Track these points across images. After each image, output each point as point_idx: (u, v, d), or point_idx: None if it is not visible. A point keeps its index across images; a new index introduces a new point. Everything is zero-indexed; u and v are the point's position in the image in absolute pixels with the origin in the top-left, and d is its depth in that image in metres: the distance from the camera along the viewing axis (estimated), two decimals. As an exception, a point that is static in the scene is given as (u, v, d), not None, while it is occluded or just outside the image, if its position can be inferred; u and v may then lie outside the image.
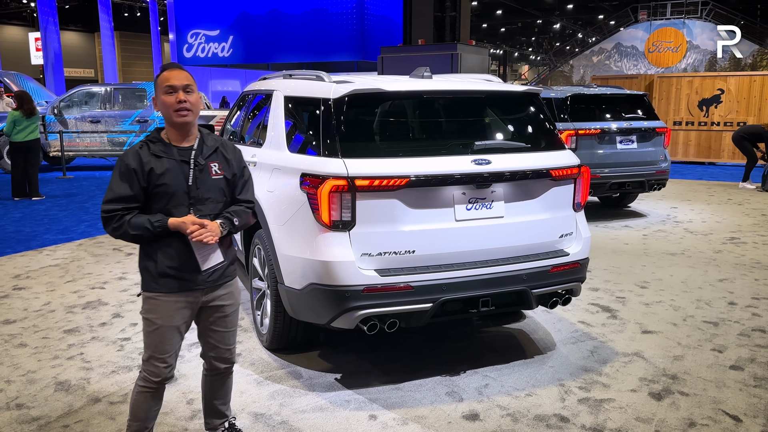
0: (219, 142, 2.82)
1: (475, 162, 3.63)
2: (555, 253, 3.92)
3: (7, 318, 4.93)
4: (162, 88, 2.64)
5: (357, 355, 4.23)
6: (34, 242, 7.52)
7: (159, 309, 2.70)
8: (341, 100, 3.66)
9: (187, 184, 2.66)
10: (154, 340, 2.72)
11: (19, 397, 3.65)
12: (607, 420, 3.40)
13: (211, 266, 2.73)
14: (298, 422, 3.37)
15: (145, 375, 2.76)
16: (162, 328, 2.70)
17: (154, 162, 2.63)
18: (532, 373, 3.97)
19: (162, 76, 2.67)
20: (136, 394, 2.79)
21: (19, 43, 38.81)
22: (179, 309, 2.72)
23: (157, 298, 2.70)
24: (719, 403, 3.58)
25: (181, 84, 2.64)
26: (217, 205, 2.76)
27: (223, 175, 2.77)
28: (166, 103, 2.64)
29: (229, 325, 2.91)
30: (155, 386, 2.77)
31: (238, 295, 2.96)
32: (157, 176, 2.61)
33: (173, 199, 2.64)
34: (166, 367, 2.74)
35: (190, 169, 2.68)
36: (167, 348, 2.73)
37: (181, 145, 2.71)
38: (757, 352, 4.28)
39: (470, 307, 3.72)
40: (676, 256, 6.86)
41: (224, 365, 2.96)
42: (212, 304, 2.82)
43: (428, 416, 3.44)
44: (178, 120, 2.65)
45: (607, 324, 4.81)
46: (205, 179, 2.71)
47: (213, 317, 2.85)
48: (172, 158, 2.66)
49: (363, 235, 3.49)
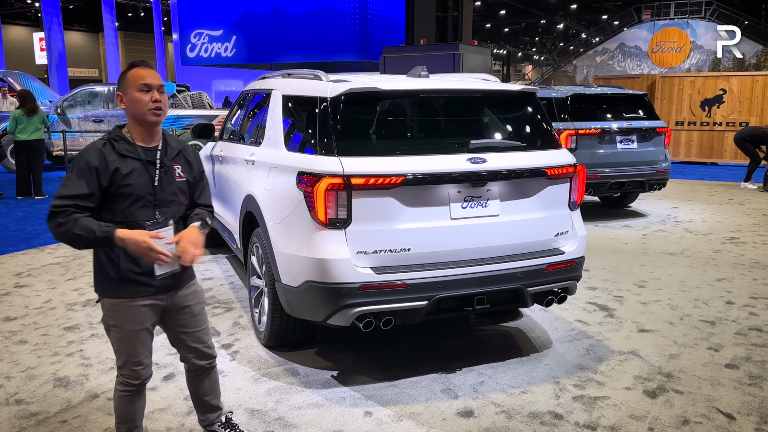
0: (181, 145, 2.80)
1: (471, 161, 3.65)
2: (550, 252, 3.94)
3: (8, 315, 4.97)
4: (136, 85, 2.59)
5: (354, 352, 4.26)
6: (36, 240, 7.56)
7: (126, 315, 2.65)
8: (338, 99, 3.68)
9: (152, 186, 2.62)
10: (125, 346, 2.68)
11: (19, 392, 3.68)
12: (600, 417, 3.42)
13: (164, 273, 2.66)
14: (293, 418, 3.40)
15: (123, 380, 2.73)
16: (132, 333, 2.67)
17: (119, 161, 2.56)
18: (527, 370, 3.99)
19: (135, 73, 2.61)
20: (118, 398, 2.77)
21: (23, 43, 38.97)
22: (146, 312, 2.68)
23: (122, 305, 2.65)
24: (713, 401, 3.60)
25: (156, 84, 2.60)
26: (180, 207, 2.73)
27: (185, 178, 2.75)
28: (140, 101, 2.58)
29: (200, 324, 2.89)
30: (135, 388, 2.75)
31: (201, 293, 2.93)
32: (122, 176, 2.55)
33: (138, 200, 2.59)
34: (143, 369, 2.73)
35: (156, 170, 2.64)
36: (140, 351, 2.70)
37: (146, 145, 2.66)
38: (753, 351, 4.30)
39: (466, 304, 3.74)
40: (675, 255, 6.87)
41: (207, 362, 2.96)
42: (179, 305, 2.80)
43: (423, 413, 3.46)
44: (152, 119, 2.61)
45: (604, 323, 4.83)
46: (169, 181, 2.68)
47: (182, 319, 2.83)
48: (138, 158, 2.61)
49: (359, 233, 3.51)
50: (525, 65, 63.08)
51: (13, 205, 10.08)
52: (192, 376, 3.00)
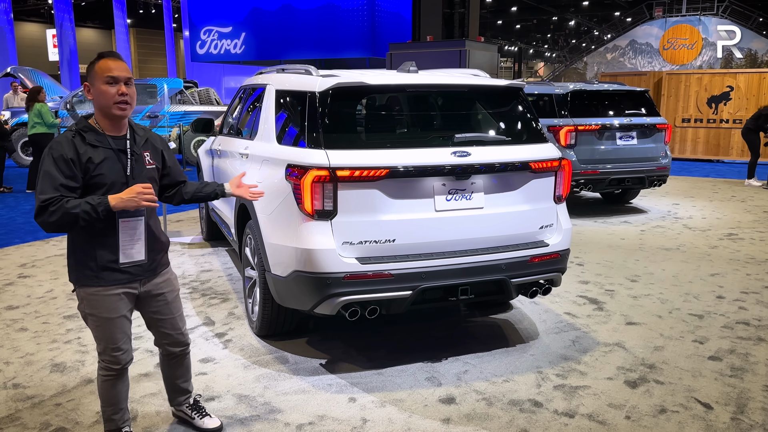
0: (148, 133, 2.87)
1: (455, 154, 3.73)
2: (535, 244, 4.01)
3: (11, 304, 5.11)
4: (102, 77, 2.61)
5: (344, 342, 4.35)
6: (42, 233, 7.71)
7: (102, 303, 2.72)
8: (326, 93, 3.77)
9: (124, 174, 2.68)
10: (104, 333, 2.76)
11: (16, 377, 3.81)
12: (579, 406, 3.49)
13: (129, 261, 2.74)
14: (279, 403, 3.50)
15: (104, 365, 2.81)
16: (109, 321, 2.74)
17: (90, 152, 2.61)
18: (512, 360, 4.07)
19: (102, 64, 2.63)
20: (101, 383, 2.86)
21: (37, 40, 39.34)
22: (120, 300, 2.76)
23: (97, 294, 2.71)
24: (693, 392, 3.66)
25: (124, 76, 2.62)
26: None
27: (155, 165, 2.84)
28: (106, 94, 2.61)
29: (174, 311, 2.99)
30: (116, 373, 2.84)
31: (175, 281, 3.03)
32: (94, 166, 2.60)
33: (111, 188, 2.63)
34: (122, 354, 2.81)
35: (127, 158, 2.71)
36: (119, 337, 2.78)
37: (114, 134, 2.71)
38: (738, 344, 4.35)
39: (450, 295, 3.83)
40: (671, 251, 6.91)
41: (180, 348, 3.07)
42: (152, 293, 2.89)
43: (406, 399, 3.55)
44: (118, 113, 2.64)
45: (593, 315, 4.89)
46: (141, 169, 2.76)
47: (156, 306, 2.92)
48: (108, 147, 2.66)
49: (344, 224, 3.60)
50: (537, 62, 62.90)
51: (22, 199, 10.27)
52: (165, 360, 3.11)
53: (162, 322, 2.97)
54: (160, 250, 2.91)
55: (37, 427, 3.24)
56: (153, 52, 42.71)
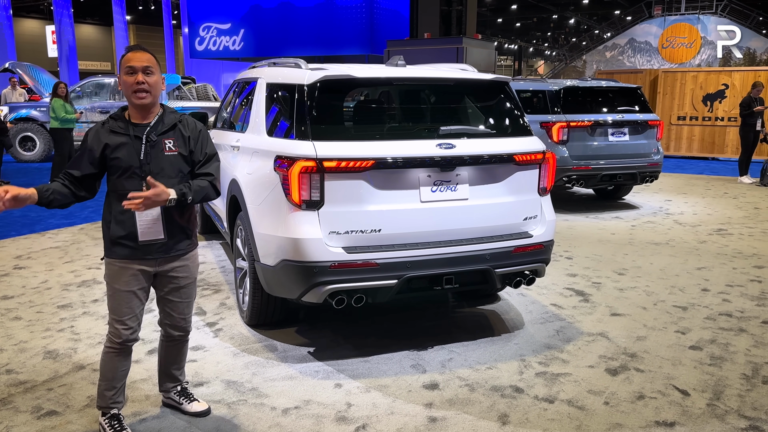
0: (178, 119, 2.97)
1: (440, 146, 3.81)
2: (519, 235, 4.09)
3: (5, 294, 5.19)
4: (123, 68, 2.83)
5: (332, 331, 4.43)
6: (39, 226, 7.79)
7: (115, 275, 2.91)
8: (314, 86, 3.85)
9: (138, 159, 2.84)
10: (113, 303, 2.93)
11: (10, 363, 3.89)
12: (560, 392, 3.57)
13: (148, 239, 2.87)
14: (266, 389, 3.58)
15: (109, 336, 2.97)
16: (119, 293, 2.91)
17: (110, 137, 2.84)
18: (496, 349, 4.15)
19: (125, 57, 2.85)
20: (104, 354, 3.01)
21: (36, 36, 39.42)
22: (133, 275, 2.91)
23: (114, 264, 2.91)
24: (671, 379, 3.74)
25: (141, 65, 2.81)
26: (171, 180, 2.88)
27: (177, 152, 2.92)
28: (126, 84, 2.82)
29: (183, 296, 3.10)
30: (119, 347, 2.96)
31: (194, 268, 3.12)
32: (111, 150, 2.83)
33: (125, 172, 2.84)
34: (126, 329, 2.93)
35: (142, 144, 2.85)
36: (125, 311, 2.92)
37: (141, 122, 2.89)
38: (719, 335, 4.43)
39: (435, 284, 3.90)
40: (660, 245, 6.99)
41: (179, 333, 3.18)
42: (167, 275, 3.01)
43: (390, 385, 3.63)
44: (137, 102, 2.83)
45: (578, 307, 4.97)
46: (157, 155, 2.87)
47: (168, 287, 3.05)
48: (127, 134, 2.86)
49: (331, 214, 3.68)
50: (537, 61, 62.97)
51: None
52: (164, 342, 3.22)
53: (169, 303, 3.09)
54: (176, 234, 2.97)
55: (29, 410, 3.32)
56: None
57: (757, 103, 11.37)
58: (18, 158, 14.57)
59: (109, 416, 3.05)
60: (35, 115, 14.52)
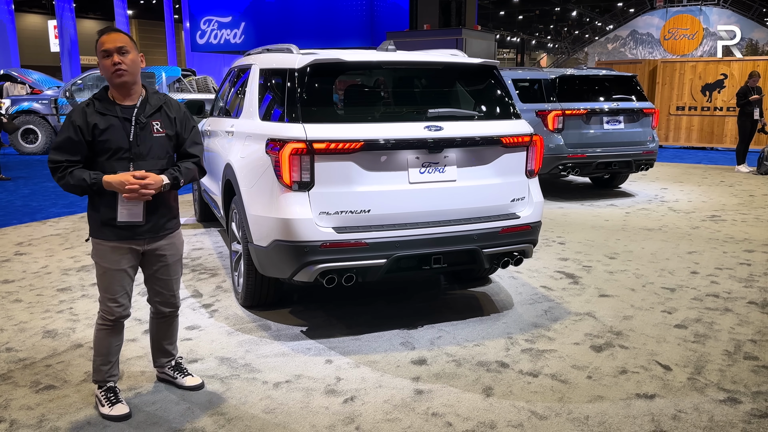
0: (163, 101, 3.04)
1: (428, 128, 3.89)
2: (506, 216, 4.17)
3: (6, 278, 5.30)
4: (99, 53, 2.85)
5: (326, 312, 4.53)
6: (40, 215, 7.91)
7: (104, 254, 2.99)
8: (304, 70, 3.93)
9: (128, 141, 2.89)
10: (104, 282, 3.01)
11: (9, 342, 3.99)
12: (544, 367, 3.66)
13: (126, 221, 2.93)
14: (259, 365, 3.68)
15: (101, 314, 3.06)
16: (109, 272, 2.99)
17: (98, 118, 2.85)
18: (484, 327, 4.24)
19: (98, 42, 2.86)
20: (97, 331, 3.10)
21: (39, 31, 39.47)
22: (123, 254, 3.00)
23: (102, 245, 2.98)
24: (655, 355, 3.83)
25: (115, 47, 2.83)
26: (159, 161, 2.97)
27: (165, 133, 3.00)
28: (104, 67, 2.85)
29: (171, 273, 3.19)
30: (111, 324, 3.06)
31: (180, 246, 3.22)
32: (100, 132, 2.84)
33: (115, 154, 2.87)
34: (117, 306, 3.03)
35: (131, 126, 2.91)
36: (116, 289, 3.01)
37: (124, 103, 2.93)
38: (705, 314, 4.51)
39: (424, 264, 3.99)
40: (653, 231, 7.07)
41: (169, 309, 3.27)
42: (155, 253, 3.09)
43: (380, 361, 3.73)
44: (117, 81, 2.86)
45: (568, 288, 5.06)
46: (145, 137, 2.94)
47: (156, 265, 3.13)
48: (115, 115, 2.88)
49: (321, 195, 3.77)
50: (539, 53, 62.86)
51: (21, 184, 10.46)
52: (154, 319, 3.32)
53: (159, 281, 3.18)
54: (165, 214, 3.07)
55: (27, 385, 3.42)
56: (154, 43, 42.82)
57: (754, 92, 11.41)
58: (20, 150, 14.69)
59: (105, 388, 3.15)
60: (37, 107, 14.63)
